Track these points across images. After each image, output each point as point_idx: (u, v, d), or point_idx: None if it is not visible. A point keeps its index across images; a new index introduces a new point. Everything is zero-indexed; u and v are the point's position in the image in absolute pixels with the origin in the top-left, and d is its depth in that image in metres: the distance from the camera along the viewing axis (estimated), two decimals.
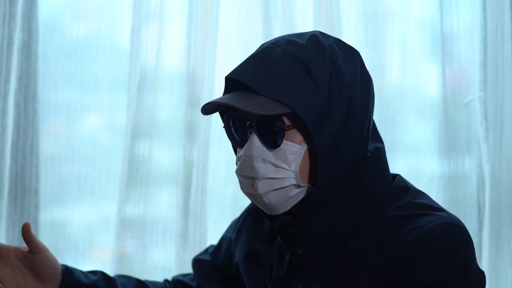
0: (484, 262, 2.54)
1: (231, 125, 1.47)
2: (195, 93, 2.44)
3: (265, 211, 1.47)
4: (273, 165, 1.42)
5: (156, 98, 2.44)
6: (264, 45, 1.46)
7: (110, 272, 2.42)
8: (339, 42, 1.46)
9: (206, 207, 2.43)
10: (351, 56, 1.46)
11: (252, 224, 1.66)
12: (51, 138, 2.44)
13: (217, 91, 2.43)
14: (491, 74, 2.56)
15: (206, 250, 1.78)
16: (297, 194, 1.44)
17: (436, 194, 2.56)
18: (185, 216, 2.45)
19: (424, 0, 2.59)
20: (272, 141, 1.42)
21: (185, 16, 2.44)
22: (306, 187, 1.43)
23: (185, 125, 2.45)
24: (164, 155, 2.46)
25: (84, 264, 2.47)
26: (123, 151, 2.41)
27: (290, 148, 1.41)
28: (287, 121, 1.41)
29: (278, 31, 2.46)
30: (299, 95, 1.39)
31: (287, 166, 1.42)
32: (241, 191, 2.42)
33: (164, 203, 2.46)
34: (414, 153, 2.60)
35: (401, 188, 1.49)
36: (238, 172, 1.45)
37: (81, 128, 2.47)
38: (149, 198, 2.44)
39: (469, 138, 2.57)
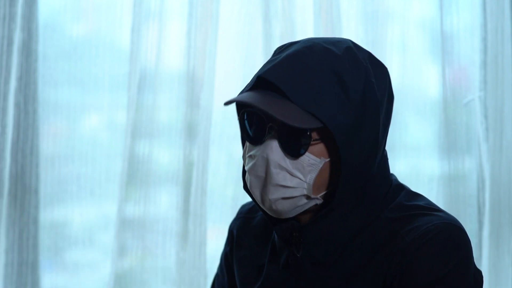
0: (484, 262, 2.54)
1: (245, 118, 1.44)
2: (195, 93, 2.44)
3: (269, 213, 1.45)
4: (288, 173, 1.39)
5: (156, 98, 2.44)
6: (297, 47, 1.42)
7: (110, 272, 2.42)
8: (370, 57, 1.44)
9: (206, 207, 2.43)
10: (382, 72, 1.44)
11: (241, 225, 1.64)
12: (51, 138, 2.44)
13: (217, 91, 2.42)
14: (491, 74, 2.56)
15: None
16: (305, 204, 1.42)
17: (436, 194, 2.56)
18: (185, 216, 2.45)
19: (424, 0, 2.59)
20: (294, 151, 1.39)
21: (185, 16, 2.44)
22: (316, 198, 1.42)
23: (185, 125, 2.45)
24: (164, 155, 2.46)
25: (84, 264, 2.47)
26: (123, 151, 2.41)
27: (309, 160, 1.39)
28: (314, 135, 1.38)
29: (278, 31, 2.46)
30: (332, 110, 1.36)
31: (302, 176, 1.39)
32: (241, 191, 2.45)
33: (164, 203, 2.46)
34: (414, 153, 2.60)
35: (397, 190, 1.49)
36: (251, 172, 1.42)
37: (81, 128, 2.47)
38: (149, 198, 2.44)
39: (469, 138, 2.57)
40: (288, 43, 1.45)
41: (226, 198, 2.50)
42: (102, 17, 2.45)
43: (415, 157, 2.60)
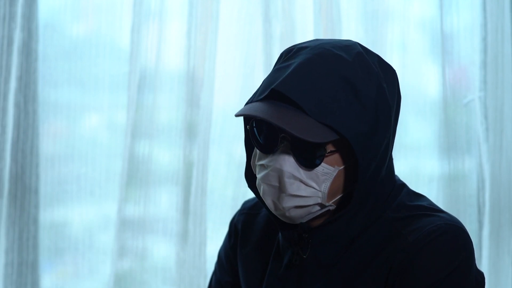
0: (484, 262, 2.54)
1: (254, 126, 1.42)
2: (195, 93, 2.44)
3: (282, 219, 1.45)
4: (303, 183, 1.39)
5: (156, 98, 2.44)
6: (307, 55, 1.40)
7: (110, 272, 2.42)
8: (380, 60, 1.44)
9: (206, 207, 2.43)
10: (391, 76, 1.44)
11: (245, 221, 1.64)
12: (51, 138, 2.44)
13: (217, 91, 2.42)
14: (491, 74, 2.55)
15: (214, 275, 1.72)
16: (318, 211, 1.43)
17: (436, 194, 2.56)
18: (185, 216, 2.45)
19: (424, 0, 2.59)
20: (309, 162, 1.38)
21: (185, 16, 2.44)
22: (330, 205, 1.42)
23: (185, 125, 2.45)
24: (164, 155, 2.46)
25: (84, 264, 2.47)
26: (123, 151, 2.41)
27: (323, 170, 1.39)
28: (329, 146, 1.38)
29: (278, 31, 2.46)
30: (348, 120, 1.35)
31: (317, 186, 1.39)
32: (241, 191, 2.45)
33: (164, 203, 2.46)
34: (414, 153, 2.60)
35: (399, 189, 1.49)
36: (264, 181, 1.41)
37: (81, 128, 2.46)
38: (149, 198, 2.44)
39: (469, 138, 2.57)
40: (296, 47, 1.44)
41: (226, 198, 2.50)
42: (102, 17, 2.45)
43: (415, 157, 2.60)
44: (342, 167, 1.40)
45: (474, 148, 2.58)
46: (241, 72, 2.47)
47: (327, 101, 1.36)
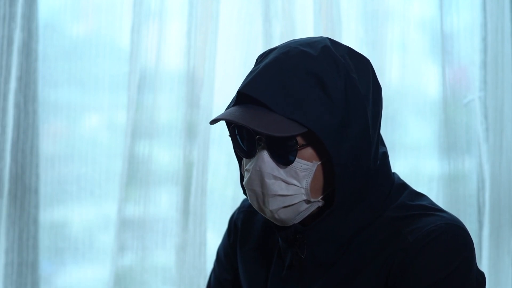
0: (484, 262, 2.54)
1: (236, 133, 1.44)
2: (195, 93, 2.44)
3: (275, 222, 1.46)
4: (284, 181, 1.40)
5: (156, 98, 2.44)
6: (274, 54, 1.42)
7: (109, 272, 2.42)
8: (350, 51, 1.44)
9: (206, 207, 2.43)
10: (363, 66, 1.44)
11: (245, 219, 1.64)
12: (51, 138, 2.45)
13: (217, 91, 2.42)
14: (491, 74, 2.55)
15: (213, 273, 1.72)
16: (307, 209, 1.43)
17: (436, 194, 2.56)
18: (185, 216, 2.45)
19: (424, 0, 2.59)
20: (284, 159, 1.39)
21: (185, 16, 2.44)
22: (317, 201, 1.42)
23: (185, 125, 2.45)
24: (164, 155, 2.46)
25: (84, 264, 2.47)
26: (123, 151, 2.41)
27: (301, 166, 1.39)
28: (300, 140, 1.39)
29: (278, 31, 2.46)
30: (315, 113, 1.36)
31: (298, 183, 1.40)
32: (241, 191, 2.44)
33: (164, 203, 2.46)
34: (414, 153, 2.60)
35: (401, 189, 1.49)
36: (248, 186, 1.42)
37: (81, 128, 2.47)
38: (149, 198, 2.44)
39: (469, 138, 2.57)
40: (268, 50, 1.46)
41: (226, 198, 2.50)
42: (102, 17, 2.45)
43: (415, 157, 2.60)
44: (319, 162, 1.40)
45: (474, 148, 2.58)
46: (241, 72, 2.47)
47: (293, 96, 1.37)
